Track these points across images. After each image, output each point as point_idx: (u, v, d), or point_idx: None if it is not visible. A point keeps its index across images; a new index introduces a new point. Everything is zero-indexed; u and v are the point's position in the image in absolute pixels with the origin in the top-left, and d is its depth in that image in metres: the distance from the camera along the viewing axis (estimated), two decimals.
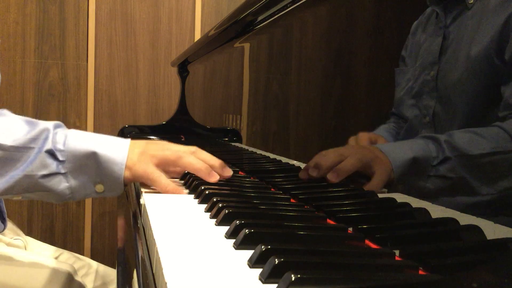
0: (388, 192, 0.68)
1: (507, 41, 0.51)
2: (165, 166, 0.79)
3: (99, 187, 0.77)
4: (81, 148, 0.75)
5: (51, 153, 0.75)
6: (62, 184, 0.75)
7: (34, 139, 0.75)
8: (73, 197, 0.77)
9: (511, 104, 0.50)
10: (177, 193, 0.74)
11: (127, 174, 0.76)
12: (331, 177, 0.72)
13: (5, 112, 0.79)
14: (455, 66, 0.57)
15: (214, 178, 0.78)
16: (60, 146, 0.75)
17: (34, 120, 0.79)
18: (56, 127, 0.78)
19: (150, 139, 1.60)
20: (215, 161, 0.81)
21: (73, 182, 0.75)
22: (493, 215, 0.50)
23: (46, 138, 0.75)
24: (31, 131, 0.75)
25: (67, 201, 0.78)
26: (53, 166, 0.74)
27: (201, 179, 0.78)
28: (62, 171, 0.75)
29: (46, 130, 0.76)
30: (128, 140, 0.79)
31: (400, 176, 0.64)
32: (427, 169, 0.59)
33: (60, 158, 0.74)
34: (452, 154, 0.57)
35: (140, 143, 0.80)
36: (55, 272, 1.00)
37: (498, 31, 0.52)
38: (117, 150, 0.76)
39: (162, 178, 0.76)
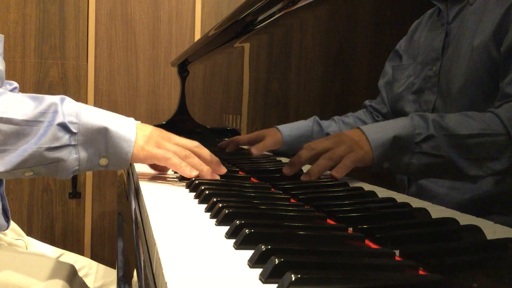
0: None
1: (504, 34, 0.51)
2: None
3: (103, 161, 0.81)
4: (94, 123, 0.79)
5: (64, 126, 0.78)
6: (72, 156, 0.79)
7: (43, 113, 0.78)
8: (80, 169, 0.80)
9: (506, 93, 0.51)
10: (192, 175, 0.81)
11: (137, 152, 0.81)
12: (305, 177, 0.78)
13: (4, 90, 0.82)
14: (457, 61, 0.58)
15: (212, 177, 0.84)
16: (73, 118, 0.78)
17: (38, 95, 0.82)
18: (62, 100, 0.81)
19: None
20: (214, 158, 0.87)
21: (82, 154, 0.79)
22: (493, 213, 0.50)
23: (55, 112, 0.78)
24: (39, 105, 0.78)
25: (75, 174, 0.82)
26: (65, 138, 0.78)
27: (202, 179, 0.79)
28: (73, 142, 0.78)
29: (53, 104, 0.79)
30: (133, 120, 0.84)
31: (380, 155, 0.66)
32: (411, 146, 0.60)
33: (74, 131, 0.78)
34: (437, 133, 0.58)
35: (146, 127, 0.85)
36: (57, 270, 1.00)
37: (497, 24, 0.52)
38: (127, 128, 0.81)
39: (181, 162, 0.82)
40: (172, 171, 0.98)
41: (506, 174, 0.50)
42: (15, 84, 1.19)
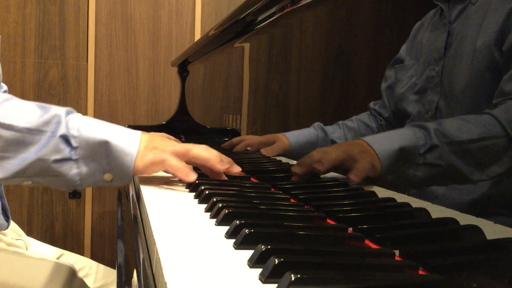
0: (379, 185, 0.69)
1: (507, 34, 0.51)
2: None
3: (108, 176, 0.77)
4: (94, 136, 0.75)
5: (65, 139, 0.75)
6: (72, 170, 0.75)
7: (47, 123, 0.75)
8: (82, 184, 0.77)
9: (505, 91, 0.51)
10: (189, 179, 0.76)
11: (137, 164, 0.77)
12: (317, 165, 0.73)
13: (12, 96, 0.79)
14: (459, 61, 0.58)
15: (224, 166, 0.80)
16: (74, 132, 0.75)
17: (45, 104, 0.79)
18: (68, 113, 0.78)
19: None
20: (224, 158, 0.83)
21: (83, 169, 0.76)
22: (493, 213, 0.50)
23: (59, 123, 0.75)
24: (44, 114, 0.75)
25: (76, 188, 0.78)
26: (66, 151, 0.74)
27: (201, 179, 0.78)
28: (74, 157, 0.75)
29: (58, 115, 0.76)
30: (139, 132, 0.80)
31: (388, 168, 0.65)
32: (415, 158, 0.60)
33: (74, 144, 0.75)
34: (440, 141, 0.57)
35: (151, 137, 0.81)
36: (56, 270, 1.00)
37: (500, 25, 0.52)
38: (129, 141, 0.77)
39: (179, 163, 0.77)
40: None
41: (508, 176, 0.50)
42: (5, 87, 1.18)
